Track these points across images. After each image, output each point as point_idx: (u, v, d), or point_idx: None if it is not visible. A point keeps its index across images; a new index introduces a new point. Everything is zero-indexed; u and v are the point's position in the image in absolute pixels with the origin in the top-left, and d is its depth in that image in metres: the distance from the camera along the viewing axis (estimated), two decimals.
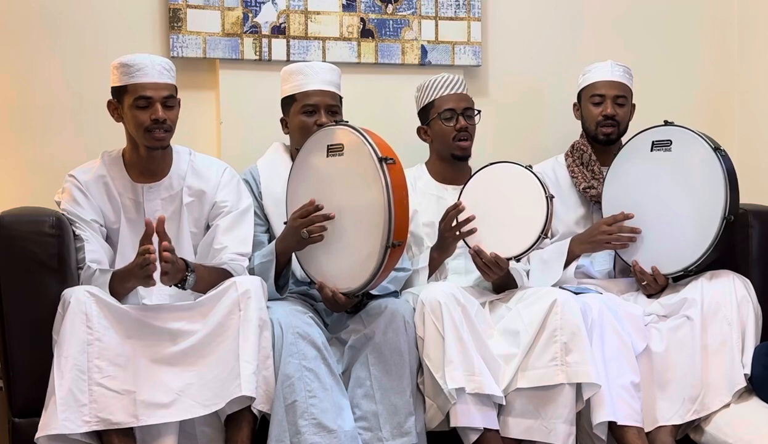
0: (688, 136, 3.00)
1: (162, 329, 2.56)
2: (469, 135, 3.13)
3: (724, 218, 2.89)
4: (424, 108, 3.19)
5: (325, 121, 2.87)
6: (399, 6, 3.50)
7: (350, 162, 2.64)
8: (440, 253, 2.98)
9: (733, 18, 3.88)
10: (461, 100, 3.14)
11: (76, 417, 2.43)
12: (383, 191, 2.55)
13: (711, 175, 2.92)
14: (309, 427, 2.53)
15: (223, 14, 3.33)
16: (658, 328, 2.94)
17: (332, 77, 2.98)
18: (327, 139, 2.69)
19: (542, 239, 2.82)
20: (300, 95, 2.94)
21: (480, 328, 2.78)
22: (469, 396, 2.66)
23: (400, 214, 2.57)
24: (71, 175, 2.79)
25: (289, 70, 2.99)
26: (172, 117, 2.73)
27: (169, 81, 2.72)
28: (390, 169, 2.57)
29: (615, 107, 3.22)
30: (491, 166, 2.93)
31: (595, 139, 3.26)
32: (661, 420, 2.84)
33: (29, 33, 3.19)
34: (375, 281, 2.62)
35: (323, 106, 2.92)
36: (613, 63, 3.26)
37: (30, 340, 2.57)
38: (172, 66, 2.78)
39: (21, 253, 2.58)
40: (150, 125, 2.69)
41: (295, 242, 2.71)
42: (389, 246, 2.55)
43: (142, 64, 2.68)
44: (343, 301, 2.69)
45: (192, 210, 2.84)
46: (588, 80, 3.28)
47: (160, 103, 2.68)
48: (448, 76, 3.17)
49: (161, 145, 2.74)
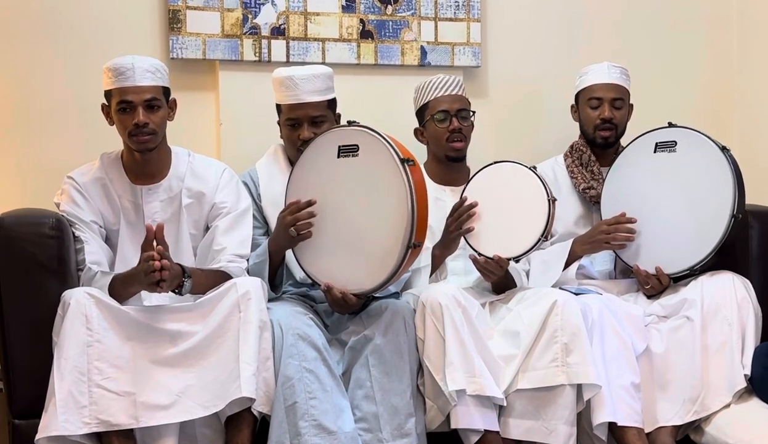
0: (694, 137, 3.01)
1: (162, 330, 2.56)
2: (463, 136, 3.12)
3: (733, 216, 2.90)
4: (420, 109, 3.20)
5: (306, 135, 2.85)
6: (398, 7, 3.50)
7: (367, 163, 2.63)
8: (443, 250, 2.98)
9: (733, 19, 3.87)
10: (455, 101, 3.13)
11: (76, 418, 2.43)
12: (407, 192, 2.56)
13: (720, 175, 2.93)
14: (309, 429, 2.53)
15: (222, 15, 3.32)
16: (658, 329, 2.94)
17: (315, 85, 2.92)
18: (338, 140, 2.68)
19: (542, 242, 2.82)
20: (284, 107, 2.95)
21: (481, 329, 2.77)
22: (470, 397, 2.66)
23: (422, 215, 2.59)
24: (70, 177, 2.79)
25: (276, 79, 2.97)
26: (156, 120, 2.72)
27: (152, 83, 2.70)
28: (411, 170, 2.58)
29: (612, 110, 3.22)
30: (496, 164, 2.92)
31: (593, 142, 3.26)
32: (661, 421, 2.83)
33: (29, 34, 3.19)
34: (392, 281, 2.63)
35: (305, 119, 2.90)
36: (610, 65, 3.26)
37: (30, 341, 2.57)
38: (160, 67, 2.76)
39: (21, 255, 2.58)
40: (132, 129, 2.69)
41: (286, 240, 2.71)
42: (410, 246, 2.57)
43: (125, 68, 2.68)
44: (354, 302, 2.68)
45: (191, 211, 2.84)
46: (585, 83, 3.28)
47: (141, 106, 2.68)
48: (444, 77, 3.16)
49: (146, 148, 2.73)
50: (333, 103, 2.99)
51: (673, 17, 3.84)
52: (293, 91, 2.90)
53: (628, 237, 3.02)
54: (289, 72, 2.94)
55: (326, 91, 2.95)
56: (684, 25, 3.85)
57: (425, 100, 3.16)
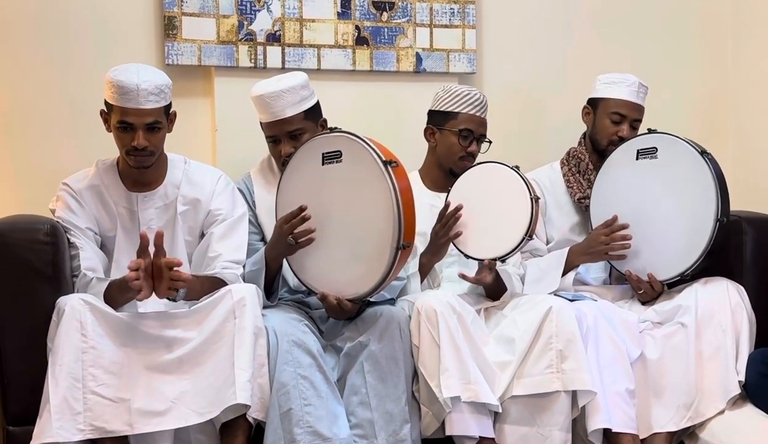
0: (673, 142, 3.01)
1: (157, 337, 2.56)
2: (473, 158, 3.13)
3: (717, 220, 2.90)
4: (444, 113, 3.12)
5: (287, 150, 2.85)
6: (394, 14, 3.51)
7: (350, 168, 2.63)
8: (430, 257, 2.98)
9: (727, 25, 3.89)
10: (482, 126, 3.12)
11: (71, 425, 2.43)
12: (391, 194, 2.56)
13: (700, 179, 2.93)
14: (304, 435, 2.53)
15: (218, 22, 3.33)
16: (653, 335, 2.94)
17: (286, 101, 2.88)
18: (321, 148, 2.69)
19: (527, 241, 2.83)
20: (263, 125, 2.96)
21: (476, 335, 2.77)
22: (465, 404, 2.66)
23: (408, 216, 2.59)
24: (65, 184, 2.79)
25: (252, 98, 2.94)
26: (155, 141, 2.71)
27: (155, 106, 2.66)
28: (395, 171, 2.59)
29: (631, 130, 3.19)
30: (479, 165, 2.95)
31: (602, 153, 3.22)
32: (655, 427, 2.84)
33: (24, 40, 3.19)
34: (384, 284, 2.63)
35: (282, 135, 2.90)
36: (640, 83, 3.21)
37: (24, 348, 2.56)
38: (164, 86, 2.69)
39: (15, 261, 2.58)
40: (130, 149, 2.69)
41: (283, 249, 2.71)
42: (399, 247, 2.57)
43: (129, 89, 2.62)
44: (350, 308, 2.69)
45: (186, 218, 2.84)
46: (612, 93, 3.21)
47: (141, 129, 2.67)
48: (480, 96, 3.11)
49: (143, 166, 2.74)
50: (311, 111, 2.94)
51: (668, 25, 3.85)
52: (267, 109, 2.90)
53: (624, 245, 3.02)
54: (260, 91, 2.91)
55: (300, 103, 2.91)
56: (679, 32, 3.86)
57: (455, 108, 3.09)
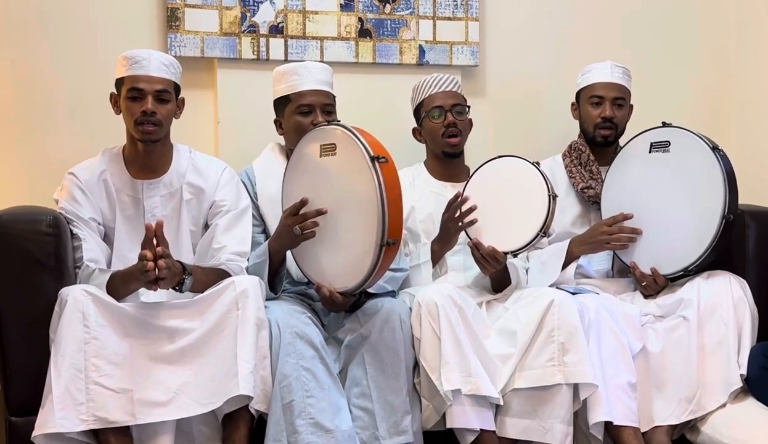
0: (686, 136, 3.01)
1: (160, 327, 2.56)
2: (458, 130, 3.13)
3: (724, 217, 2.89)
4: (417, 108, 3.22)
5: (321, 120, 2.86)
6: (397, 6, 3.50)
7: (343, 161, 2.63)
8: (441, 245, 2.99)
9: (730, 20, 3.88)
10: (449, 97, 3.15)
11: (73, 415, 2.43)
12: (376, 190, 2.54)
13: (710, 175, 2.92)
14: (306, 427, 2.53)
15: (221, 13, 3.32)
16: (655, 329, 2.94)
17: (325, 77, 2.97)
18: (319, 139, 2.69)
19: (541, 237, 2.83)
20: (294, 95, 2.93)
21: (477, 328, 2.77)
22: (466, 397, 2.66)
23: (393, 213, 2.56)
24: (71, 173, 2.78)
25: (282, 71, 2.99)
26: (164, 112, 2.73)
27: (165, 76, 2.74)
28: (382, 167, 2.56)
29: (613, 109, 3.22)
30: (499, 159, 2.94)
31: (593, 140, 3.26)
32: (657, 420, 2.84)
33: (28, 31, 3.19)
34: (370, 280, 2.62)
35: (319, 105, 2.92)
36: (613, 64, 3.26)
37: (27, 339, 2.56)
38: (174, 63, 2.80)
39: (18, 252, 2.58)
40: (139, 117, 2.70)
41: (288, 240, 2.71)
42: (383, 245, 2.54)
43: (141, 57, 2.73)
44: (341, 301, 2.68)
45: (191, 208, 2.84)
46: (587, 81, 3.28)
47: (152, 95, 2.70)
48: (438, 75, 3.18)
49: (150, 139, 2.74)
50: (335, 101, 3.01)
51: (672, 18, 3.84)
52: (306, 77, 2.92)
53: (631, 238, 3.02)
54: (297, 63, 2.99)
55: (332, 86, 3.00)
56: (682, 26, 3.86)
57: (421, 98, 3.19)
